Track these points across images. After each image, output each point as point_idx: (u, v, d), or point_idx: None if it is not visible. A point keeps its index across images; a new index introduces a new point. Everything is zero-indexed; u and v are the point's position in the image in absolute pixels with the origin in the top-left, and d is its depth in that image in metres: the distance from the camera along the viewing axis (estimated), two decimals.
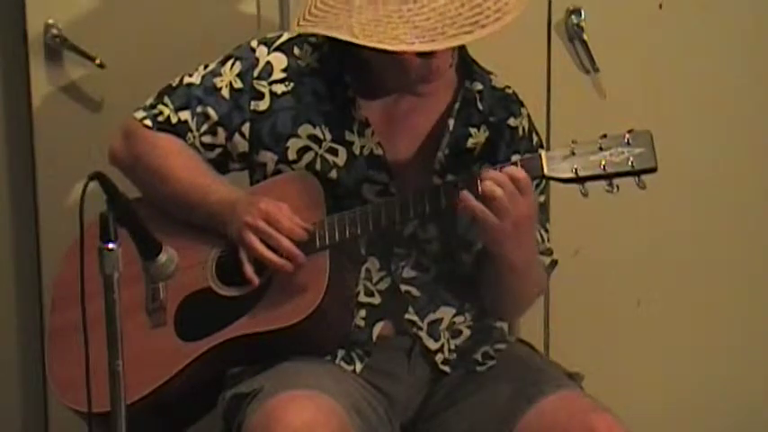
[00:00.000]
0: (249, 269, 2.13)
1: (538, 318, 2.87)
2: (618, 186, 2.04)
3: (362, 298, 2.21)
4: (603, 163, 2.03)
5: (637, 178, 2.03)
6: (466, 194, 2.05)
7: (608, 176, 2.03)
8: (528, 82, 2.46)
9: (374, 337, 2.21)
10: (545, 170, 2.06)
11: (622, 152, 2.03)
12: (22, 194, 2.74)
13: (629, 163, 2.02)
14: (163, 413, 2.17)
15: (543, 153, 2.07)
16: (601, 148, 2.04)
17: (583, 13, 2.80)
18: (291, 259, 2.10)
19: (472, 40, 2.02)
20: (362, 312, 2.21)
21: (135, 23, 2.66)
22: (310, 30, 2.13)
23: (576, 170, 2.04)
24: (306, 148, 2.21)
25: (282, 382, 2.06)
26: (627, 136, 2.03)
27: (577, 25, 2.80)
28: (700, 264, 2.98)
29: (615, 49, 2.83)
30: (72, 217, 1.85)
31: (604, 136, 2.05)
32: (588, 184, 2.05)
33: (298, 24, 2.13)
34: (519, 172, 2.04)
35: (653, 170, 2.02)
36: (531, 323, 2.71)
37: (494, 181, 2.03)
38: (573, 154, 2.05)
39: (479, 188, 2.04)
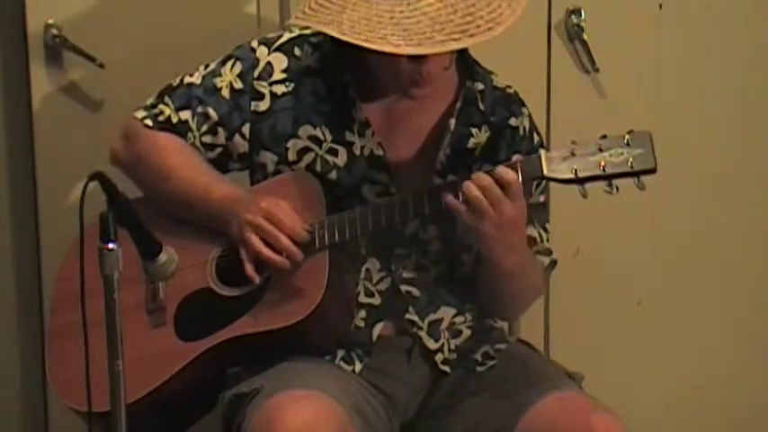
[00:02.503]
0: (249, 267, 2.13)
1: (538, 318, 2.87)
2: (617, 187, 2.04)
3: (362, 298, 2.21)
4: (603, 164, 2.03)
5: (636, 179, 2.03)
6: (450, 198, 2.05)
7: (607, 177, 2.03)
8: (528, 82, 2.46)
9: (374, 338, 2.21)
10: (545, 171, 2.06)
11: (622, 153, 2.02)
12: (22, 194, 2.74)
13: (629, 164, 2.02)
14: (162, 413, 2.17)
15: (543, 154, 2.07)
16: (600, 149, 2.03)
17: (583, 13, 2.80)
18: (289, 257, 2.10)
19: (458, 48, 2.02)
20: (362, 313, 2.21)
21: (135, 23, 2.66)
22: (301, 23, 2.13)
23: (575, 171, 2.04)
24: (306, 149, 2.21)
25: (282, 382, 2.06)
26: (626, 137, 2.03)
27: (577, 25, 2.80)
28: (700, 264, 2.98)
29: (615, 49, 2.83)
30: (72, 217, 1.86)
31: (604, 137, 2.05)
32: (587, 185, 2.05)
33: (295, 18, 2.14)
34: (508, 173, 2.04)
35: (652, 171, 2.02)
36: (531, 323, 2.71)
37: (476, 184, 2.03)
38: (572, 155, 2.04)
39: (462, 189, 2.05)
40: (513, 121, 2.28)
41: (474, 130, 2.25)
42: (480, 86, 2.26)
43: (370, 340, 2.21)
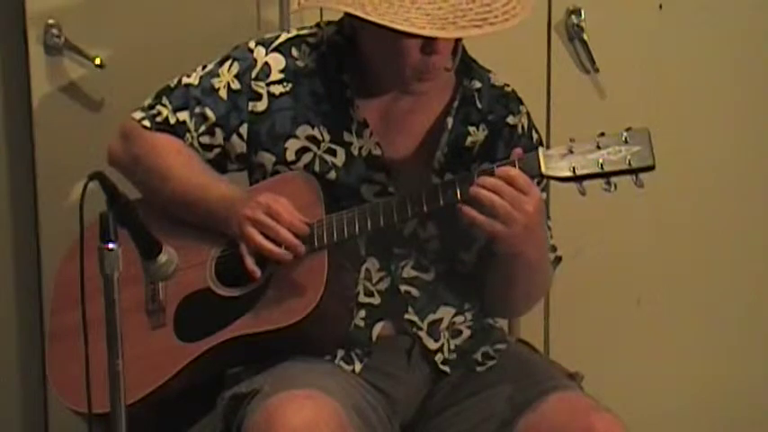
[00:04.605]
0: (250, 262, 2.13)
1: (538, 318, 2.88)
2: (615, 185, 2.04)
3: (362, 298, 2.21)
4: (601, 161, 2.03)
5: (634, 177, 2.03)
6: (468, 210, 2.04)
7: (606, 175, 2.03)
8: (528, 82, 2.46)
9: (374, 338, 2.21)
10: (543, 169, 2.05)
11: (620, 150, 2.02)
12: (22, 194, 2.74)
13: (627, 161, 2.02)
14: (162, 414, 2.17)
15: (541, 151, 2.06)
16: (598, 147, 2.03)
17: (583, 13, 2.80)
18: (291, 249, 2.10)
19: (480, 35, 2.02)
20: (362, 312, 2.20)
21: (135, 23, 2.66)
22: (318, 4, 2.12)
23: (573, 169, 2.03)
24: (304, 149, 2.21)
25: (282, 382, 2.06)
26: (624, 134, 2.03)
27: (577, 25, 2.80)
28: (700, 263, 2.98)
29: (615, 49, 2.83)
30: (72, 217, 1.86)
31: (602, 134, 2.05)
32: (586, 183, 2.04)
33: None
34: (511, 170, 2.03)
35: (650, 168, 2.02)
36: (531, 323, 2.71)
37: (490, 189, 2.02)
38: (571, 152, 2.04)
39: (479, 198, 2.03)
40: (510, 120, 2.28)
41: (472, 129, 2.25)
42: (478, 85, 2.26)
43: (370, 340, 2.21)
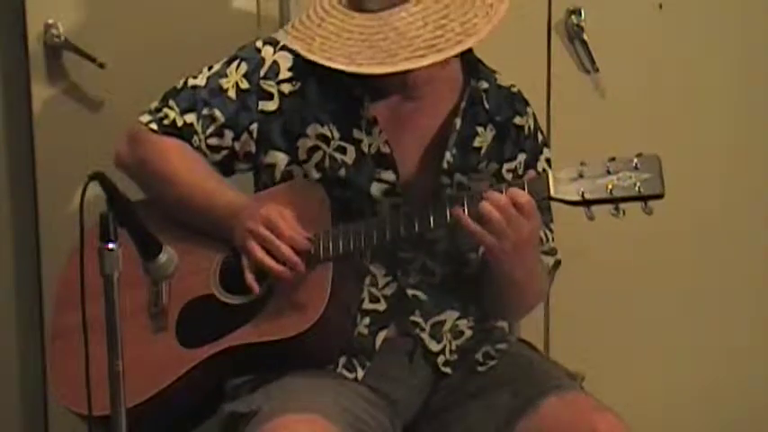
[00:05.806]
0: (250, 276, 2.11)
1: (538, 318, 2.87)
2: (624, 211, 2.04)
3: (367, 305, 2.20)
4: (611, 187, 2.02)
5: (643, 203, 2.03)
6: (459, 213, 2.04)
7: (614, 201, 2.03)
8: (528, 82, 2.46)
9: (377, 346, 2.20)
10: (552, 192, 2.05)
11: (630, 176, 2.02)
12: (22, 195, 2.74)
13: (637, 188, 2.01)
14: (162, 418, 2.16)
15: (550, 174, 2.06)
16: (608, 172, 2.03)
17: (583, 13, 2.80)
18: (291, 267, 2.09)
19: (425, 65, 2.00)
20: (366, 320, 2.20)
21: (135, 24, 2.66)
22: (286, 42, 2.14)
23: (582, 193, 2.03)
24: (315, 148, 2.20)
25: (280, 403, 2.04)
26: (635, 160, 2.02)
27: (577, 25, 2.80)
28: (700, 264, 2.98)
29: (615, 49, 2.83)
30: (72, 217, 1.86)
31: (613, 159, 2.04)
32: (594, 208, 2.04)
33: (289, 33, 2.14)
34: (522, 196, 2.03)
35: (660, 197, 2.02)
36: (531, 323, 2.71)
37: (493, 204, 2.03)
38: (581, 176, 2.03)
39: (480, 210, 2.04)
40: (518, 120, 2.28)
41: (479, 129, 2.25)
42: (485, 85, 2.26)
43: (373, 348, 2.20)
